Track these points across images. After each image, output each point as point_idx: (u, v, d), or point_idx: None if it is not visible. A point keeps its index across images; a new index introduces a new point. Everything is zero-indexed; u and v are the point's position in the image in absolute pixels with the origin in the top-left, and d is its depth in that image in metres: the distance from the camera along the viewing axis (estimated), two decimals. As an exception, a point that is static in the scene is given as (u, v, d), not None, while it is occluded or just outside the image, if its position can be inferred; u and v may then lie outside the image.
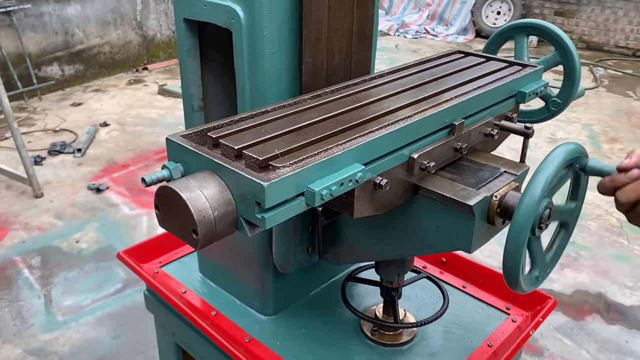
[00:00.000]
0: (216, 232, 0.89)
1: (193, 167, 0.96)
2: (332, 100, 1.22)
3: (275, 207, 0.88)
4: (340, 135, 1.03)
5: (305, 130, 1.05)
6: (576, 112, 6.42)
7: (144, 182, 0.96)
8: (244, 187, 0.87)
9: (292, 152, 0.96)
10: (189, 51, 1.42)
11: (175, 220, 0.90)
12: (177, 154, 0.99)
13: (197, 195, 0.87)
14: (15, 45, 6.02)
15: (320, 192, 0.89)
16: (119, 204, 4.32)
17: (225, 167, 0.89)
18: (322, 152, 0.95)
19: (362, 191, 1.06)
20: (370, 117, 1.11)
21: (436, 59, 1.58)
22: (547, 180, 0.99)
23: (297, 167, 0.90)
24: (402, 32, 9.66)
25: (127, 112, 6.10)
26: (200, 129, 1.04)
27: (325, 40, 1.29)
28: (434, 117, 1.15)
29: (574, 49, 1.54)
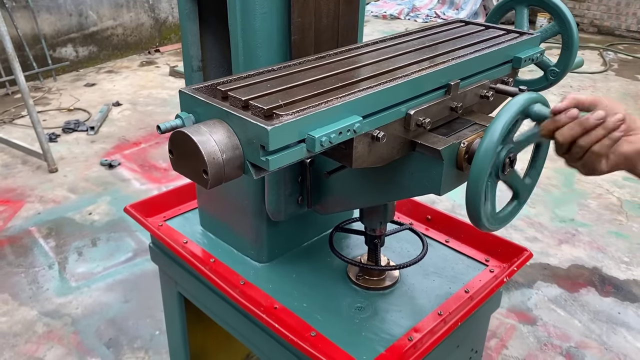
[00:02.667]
0: (225, 173, 0.97)
1: (204, 116, 1.05)
2: (336, 61, 1.32)
3: (278, 151, 0.96)
4: (341, 89, 1.12)
5: (308, 85, 1.14)
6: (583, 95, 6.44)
7: (159, 129, 1.06)
8: (250, 132, 0.96)
9: (295, 103, 1.04)
10: (189, 14, 1.53)
11: (188, 163, 0.99)
12: (190, 105, 1.09)
13: (207, 139, 0.95)
14: (31, 26, 6.17)
15: (320, 139, 0.97)
16: (130, 179, 4.47)
17: (233, 115, 0.98)
18: (323, 104, 1.04)
19: (360, 142, 1.13)
20: (370, 75, 1.20)
21: (437, 27, 1.66)
22: (504, 124, 1.08)
23: (299, 115, 0.98)
24: (412, 16, 9.68)
25: (139, 93, 6.24)
26: (210, 83, 1.14)
27: (312, 2, 1.39)
28: (430, 76, 1.22)
29: (572, 19, 1.60)
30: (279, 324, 1.40)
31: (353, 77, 1.18)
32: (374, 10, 9.96)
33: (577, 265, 3.57)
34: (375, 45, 1.45)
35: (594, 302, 3.23)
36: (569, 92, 6.43)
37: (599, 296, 3.29)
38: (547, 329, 3.02)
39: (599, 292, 3.32)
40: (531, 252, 1.68)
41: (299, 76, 1.19)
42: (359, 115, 1.07)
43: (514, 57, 1.48)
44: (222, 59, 1.64)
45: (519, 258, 1.66)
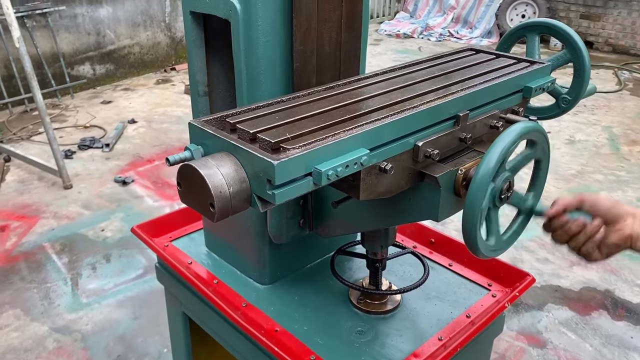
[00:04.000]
0: (231, 206, 0.99)
1: (212, 148, 1.07)
2: (344, 91, 1.33)
3: (284, 185, 0.97)
4: (348, 122, 1.12)
5: (316, 118, 1.14)
6: (597, 115, 6.40)
7: (168, 161, 1.09)
8: (256, 166, 0.97)
9: (302, 136, 1.05)
10: (195, 41, 1.57)
11: (195, 196, 1.00)
12: (198, 137, 1.11)
13: (215, 172, 0.97)
14: (50, 45, 6.32)
15: (327, 172, 0.98)
16: (143, 196, 4.53)
17: (241, 148, 0.99)
18: (330, 137, 1.04)
19: (368, 174, 1.14)
20: (378, 107, 1.20)
21: (447, 55, 1.66)
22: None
23: (306, 148, 0.98)
24: (425, 35, 9.73)
25: (154, 110, 6.34)
26: (219, 115, 1.16)
27: (314, 30, 1.42)
28: (439, 107, 1.22)
29: (584, 47, 1.59)
30: (279, 347, 1.41)
31: (361, 109, 1.18)
32: (387, 29, 10.03)
33: (589, 287, 3.53)
34: (385, 75, 1.46)
35: (606, 326, 3.18)
36: (582, 111, 6.39)
37: (611, 320, 3.24)
38: (557, 352, 2.98)
39: (611, 316, 3.27)
40: (534, 277, 1.67)
41: (306, 108, 1.20)
42: (367, 147, 1.07)
43: (524, 87, 1.47)
44: (228, 84, 1.67)
45: (521, 283, 1.66)
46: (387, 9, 11.04)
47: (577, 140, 5.75)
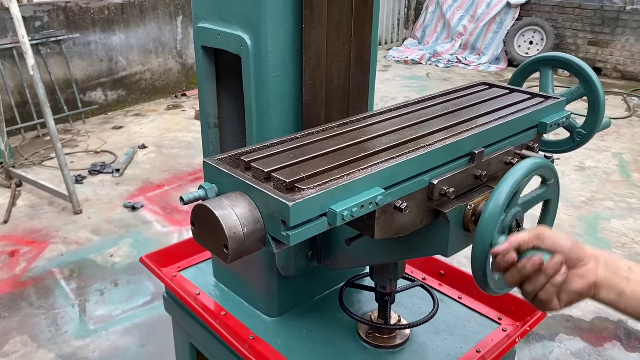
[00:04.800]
0: (245, 247, 0.98)
1: (227, 187, 1.07)
2: (358, 128, 1.33)
3: (299, 226, 0.96)
4: (363, 160, 1.12)
5: (330, 156, 1.14)
6: (607, 141, 6.38)
7: (182, 200, 1.09)
8: (271, 207, 0.96)
9: (317, 175, 1.04)
10: (206, 75, 1.59)
11: (209, 236, 1.00)
12: (213, 176, 1.11)
13: (229, 213, 0.96)
14: (64, 71, 6.43)
15: (342, 213, 0.97)
16: (152, 221, 4.54)
17: (255, 188, 0.99)
18: (345, 176, 1.03)
19: (383, 214, 1.13)
20: (393, 145, 1.20)
21: (461, 90, 1.66)
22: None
23: (320, 189, 0.98)
24: (434, 61, 9.80)
25: (164, 136, 6.40)
26: (234, 154, 1.16)
27: (324, 65, 1.44)
28: (454, 145, 1.22)
29: (598, 82, 1.58)
30: (286, 382, 1.40)
31: (375, 147, 1.18)
32: (396, 56, 10.11)
33: (602, 318, 3.47)
34: (398, 110, 1.46)
35: (620, 357, 3.12)
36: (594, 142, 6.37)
37: (625, 351, 3.18)
38: (569, 385, 2.92)
39: (624, 347, 3.21)
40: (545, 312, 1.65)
41: (320, 145, 1.19)
42: (381, 186, 1.06)
43: (539, 123, 1.46)
44: (238, 116, 1.69)
45: (532, 317, 1.64)
46: (396, 36, 11.16)
47: (587, 167, 5.73)
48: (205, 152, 1.69)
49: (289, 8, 1.35)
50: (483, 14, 9.65)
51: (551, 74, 1.66)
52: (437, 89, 8.40)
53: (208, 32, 1.48)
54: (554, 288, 1.05)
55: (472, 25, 9.82)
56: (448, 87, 8.19)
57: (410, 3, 11.19)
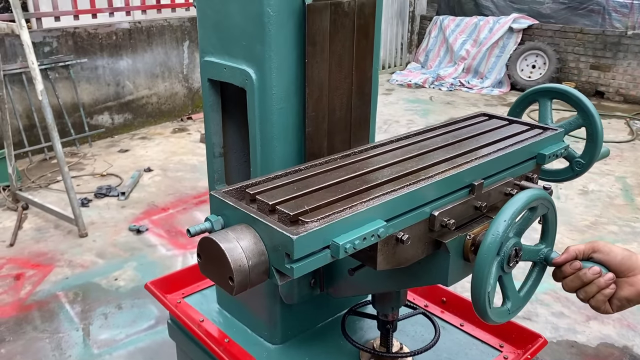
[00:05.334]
0: (250, 279, 1.01)
1: (232, 219, 1.10)
2: (359, 160, 1.36)
3: (303, 259, 0.99)
4: (365, 193, 1.15)
5: (333, 188, 1.17)
6: (610, 165, 6.39)
7: (189, 232, 1.12)
8: (275, 239, 0.99)
9: (320, 208, 1.07)
10: (212, 106, 1.63)
11: (215, 268, 1.03)
12: (219, 208, 1.15)
13: (235, 246, 0.99)
14: (71, 95, 6.52)
15: (344, 246, 1.00)
16: (157, 244, 4.57)
17: (260, 221, 1.02)
18: (348, 209, 1.06)
19: (385, 245, 1.16)
20: (394, 177, 1.23)
21: (461, 122, 1.70)
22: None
23: (324, 222, 1.01)
24: (437, 85, 9.88)
25: (170, 159, 6.45)
26: (239, 186, 1.19)
27: (326, 97, 1.48)
28: (454, 177, 1.25)
29: (596, 113, 1.62)
30: (288, 410, 1.41)
31: (377, 179, 1.21)
32: (399, 79, 10.21)
33: (607, 343, 3.45)
34: (399, 142, 1.49)
35: (625, 384, 3.10)
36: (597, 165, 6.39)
37: (630, 378, 3.16)
38: (574, 413, 2.90)
39: (630, 374, 3.19)
40: (546, 339, 1.66)
41: (323, 177, 1.23)
42: (383, 218, 1.09)
43: (538, 154, 1.49)
44: (243, 146, 1.73)
45: (533, 345, 1.65)
46: (399, 60, 11.27)
47: (590, 190, 5.74)
48: (210, 180, 1.72)
49: (292, 43, 1.39)
50: (485, 39, 9.76)
51: (549, 104, 1.69)
52: (440, 112, 8.46)
53: (214, 65, 1.53)
54: (603, 297, 1.19)
55: (474, 49, 9.93)
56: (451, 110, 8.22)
57: (413, 27, 11.34)
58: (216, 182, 1.68)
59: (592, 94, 9.25)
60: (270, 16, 1.33)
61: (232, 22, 1.43)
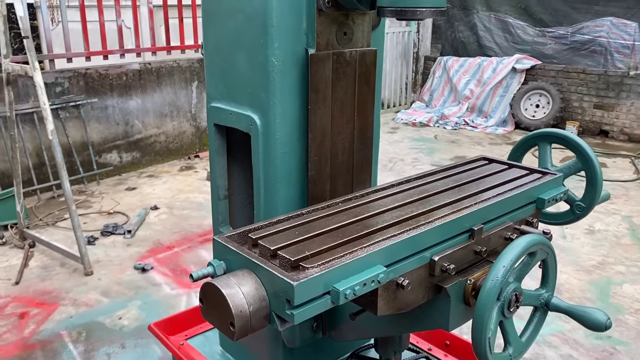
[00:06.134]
0: (251, 325, 1.02)
1: (234, 264, 1.12)
2: (361, 204, 1.38)
3: (303, 305, 1.00)
4: (366, 238, 1.17)
5: (334, 233, 1.19)
6: (616, 204, 6.38)
7: (192, 277, 1.14)
8: (276, 285, 1.01)
9: (321, 253, 1.09)
10: (218, 150, 1.68)
11: (216, 313, 1.04)
12: (222, 252, 1.17)
13: (236, 291, 1.01)
14: (81, 134, 6.63)
15: (345, 292, 1.01)
16: (162, 283, 4.56)
17: (261, 267, 1.04)
18: (348, 254, 1.08)
19: (385, 290, 1.17)
20: (394, 222, 1.25)
21: (461, 166, 1.73)
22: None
23: (324, 267, 1.02)
24: (441, 124, 9.97)
25: (176, 197, 6.50)
26: (242, 230, 1.22)
27: (329, 142, 1.52)
28: (454, 222, 1.26)
29: (595, 157, 1.64)
30: None
31: (377, 223, 1.23)
32: (404, 118, 10.32)
33: (616, 388, 3.38)
34: (400, 186, 1.52)
35: None
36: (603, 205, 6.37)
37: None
38: None
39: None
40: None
41: (324, 222, 1.25)
42: (383, 264, 1.11)
43: (537, 198, 1.51)
44: (247, 188, 1.76)
45: (538, 391, 1.63)
46: (404, 99, 11.42)
47: (596, 230, 5.70)
48: (214, 222, 1.75)
49: (296, 91, 1.44)
50: (489, 79, 9.89)
51: (549, 148, 1.72)
52: (445, 150, 8.51)
53: (220, 111, 1.57)
54: None
55: (478, 89, 10.05)
56: (456, 149, 8.25)
57: (418, 68, 11.52)
58: (220, 224, 1.71)
59: (597, 133, 9.30)
60: (274, 65, 1.38)
61: (238, 70, 1.48)
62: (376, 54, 1.53)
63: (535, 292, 1.28)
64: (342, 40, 1.48)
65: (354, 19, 1.51)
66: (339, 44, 1.47)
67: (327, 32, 1.43)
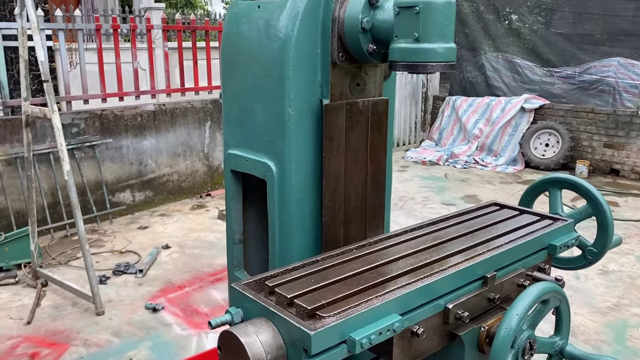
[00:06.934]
0: None
1: (252, 312, 1.14)
2: (375, 251, 1.41)
3: (320, 354, 1.01)
4: (381, 286, 1.19)
5: (349, 281, 1.21)
6: (629, 244, 6.32)
7: (210, 325, 1.16)
8: (293, 334, 1.02)
9: (337, 302, 1.11)
10: (234, 195, 1.72)
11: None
12: (239, 300, 1.19)
13: (254, 340, 1.02)
14: (95, 174, 6.74)
15: (361, 341, 1.03)
16: (172, 323, 4.55)
17: (279, 315, 1.06)
18: (364, 303, 1.10)
19: (400, 339, 1.18)
20: (408, 269, 1.28)
21: (473, 211, 1.75)
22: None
23: (340, 316, 1.04)
24: (451, 162, 10.02)
25: (188, 236, 6.53)
26: (259, 278, 1.25)
27: (342, 188, 1.56)
28: (467, 270, 1.28)
29: (605, 203, 1.66)
30: None
31: (392, 271, 1.25)
32: (413, 157, 10.39)
33: None
34: (413, 232, 1.55)
35: None
36: (614, 240, 6.31)
37: None
38: None
39: None
40: None
41: (340, 269, 1.27)
42: (398, 312, 1.12)
43: (549, 245, 1.53)
44: (262, 232, 1.80)
45: None
46: (413, 138, 11.52)
47: (610, 270, 5.64)
48: (229, 266, 1.78)
49: (311, 139, 1.49)
50: (498, 118, 9.97)
51: (559, 194, 1.74)
52: (455, 189, 8.52)
53: (237, 158, 1.62)
54: None
55: (487, 128, 10.13)
56: (466, 187, 8.22)
57: (427, 107, 11.66)
58: (235, 268, 1.74)
59: (607, 172, 9.28)
60: (290, 115, 1.43)
61: (255, 119, 1.54)
62: (388, 103, 1.59)
63: (549, 339, 1.28)
64: (355, 90, 1.54)
65: (366, 70, 1.57)
66: (352, 94, 1.52)
67: (341, 83, 1.49)
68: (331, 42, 1.49)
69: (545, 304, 1.23)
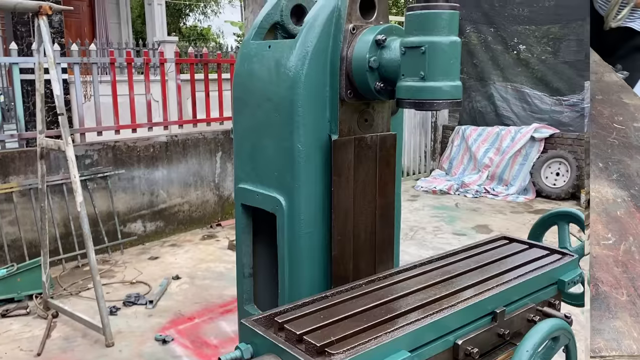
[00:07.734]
0: None
1: (261, 348, 1.14)
2: (384, 286, 1.41)
3: None
4: (390, 322, 1.19)
5: (358, 317, 1.22)
6: None
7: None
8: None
9: (346, 338, 1.11)
10: (244, 229, 1.74)
11: None
12: (249, 336, 1.20)
13: None
14: (107, 204, 6.80)
15: None
16: (182, 356, 4.52)
17: (288, 352, 1.07)
18: (373, 340, 1.10)
19: None
20: (418, 305, 1.28)
21: (482, 245, 1.76)
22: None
23: (349, 354, 1.04)
24: (462, 192, 10.00)
25: (198, 266, 6.54)
26: (268, 314, 1.26)
27: (351, 222, 1.57)
28: (476, 305, 1.28)
29: None
30: None
31: (401, 307, 1.25)
32: (424, 186, 10.38)
33: None
34: (423, 267, 1.56)
35: None
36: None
37: None
38: None
39: None
40: None
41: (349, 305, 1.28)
42: (407, 349, 1.12)
43: (558, 280, 1.53)
44: (272, 266, 1.81)
45: None
46: (423, 167, 11.53)
47: (625, 301, 5.56)
48: (239, 300, 1.79)
49: (320, 174, 1.51)
50: (508, 147, 9.98)
51: (567, 227, 1.74)
52: (466, 219, 8.48)
53: (247, 192, 1.65)
54: None
55: (497, 157, 10.13)
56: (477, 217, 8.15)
57: (436, 137, 11.70)
58: (245, 302, 1.74)
59: (620, 200, 9.20)
60: (300, 151, 1.46)
61: (265, 154, 1.57)
62: (396, 138, 1.61)
63: None
64: (363, 126, 1.57)
65: (374, 106, 1.60)
66: (360, 130, 1.55)
67: (349, 119, 1.52)
68: (339, 80, 1.53)
69: (556, 340, 1.22)
